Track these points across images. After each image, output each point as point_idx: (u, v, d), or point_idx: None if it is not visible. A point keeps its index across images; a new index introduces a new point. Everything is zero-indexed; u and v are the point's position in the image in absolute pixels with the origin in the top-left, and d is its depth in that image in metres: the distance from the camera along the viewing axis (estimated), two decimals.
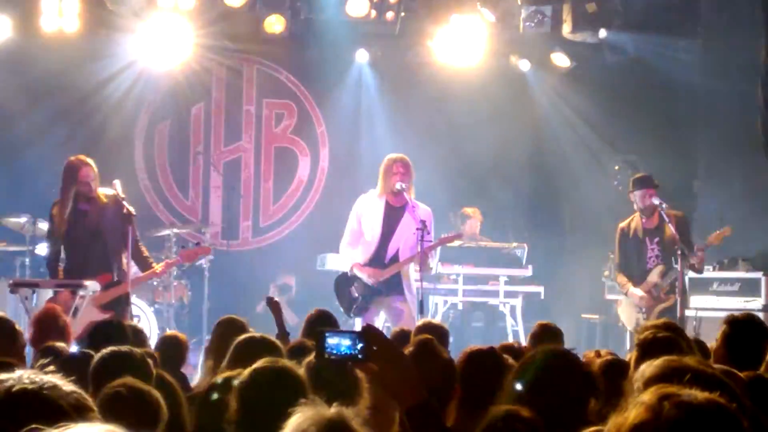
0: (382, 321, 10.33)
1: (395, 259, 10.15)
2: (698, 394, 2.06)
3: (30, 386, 2.10)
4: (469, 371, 4.78)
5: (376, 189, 10.29)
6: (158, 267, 10.27)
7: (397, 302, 10.09)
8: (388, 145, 11.46)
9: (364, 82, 14.44)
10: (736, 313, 5.92)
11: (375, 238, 10.20)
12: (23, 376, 2.16)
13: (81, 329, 7.46)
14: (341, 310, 10.37)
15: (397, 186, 10.00)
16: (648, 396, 2.06)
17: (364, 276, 10.15)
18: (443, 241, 10.52)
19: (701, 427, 1.98)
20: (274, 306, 7.36)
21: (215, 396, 4.27)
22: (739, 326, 5.61)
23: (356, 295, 10.20)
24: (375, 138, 13.58)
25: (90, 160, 9.88)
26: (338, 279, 10.50)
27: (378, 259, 10.20)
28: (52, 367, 4.51)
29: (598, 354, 5.88)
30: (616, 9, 13.51)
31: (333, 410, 2.92)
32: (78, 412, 2.07)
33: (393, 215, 10.20)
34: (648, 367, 3.07)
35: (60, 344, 5.99)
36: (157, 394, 4.07)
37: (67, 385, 2.18)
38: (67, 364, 4.96)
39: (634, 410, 2.02)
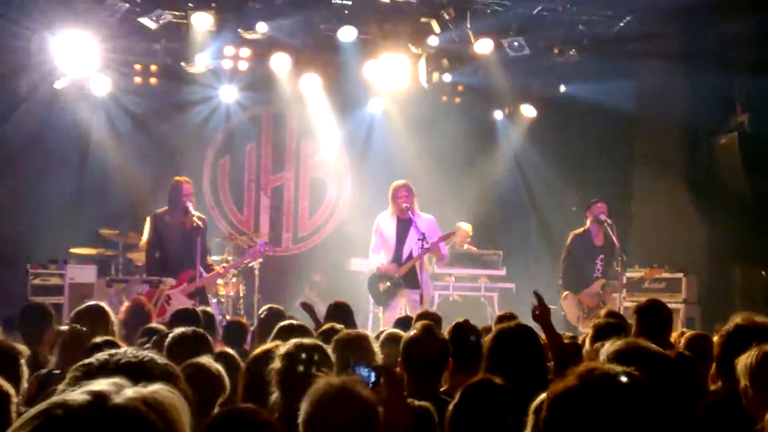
0: (401, 310, 10.44)
1: (410, 257, 10.45)
2: (617, 368, 2.09)
3: (133, 359, 2.18)
4: (454, 336, 4.88)
5: (388, 210, 10.54)
6: (220, 268, 10.45)
7: (413, 295, 10.22)
8: (397, 174, 11.52)
9: (378, 126, 14.52)
10: (643, 301, 5.97)
11: (392, 245, 10.52)
12: (128, 352, 2.24)
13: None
14: (371, 300, 10.77)
15: (403, 206, 10.25)
16: (580, 368, 2.10)
17: (387, 272, 10.47)
18: (442, 239, 10.65)
19: (614, 391, 2.01)
20: (308, 309, 7.45)
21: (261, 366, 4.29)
22: (646, 311, 5.67)
23: (383, 290, 10.42)
24: (387, 169, 13.63)
25: (190, 181, 10.15)
26: (369, 279, 10.73)
27: (396, 260, 10.56)
28: (147, 345, 4.57)
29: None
30: (571, 68, 13.59)
31: (344, 378, 2.98)
32: (167, 378, 2.13)
33: (402, 227, 10.53)
34: (610, 345, 3.10)
35: (159, 326, 6.08)
36: (220, 370, 4.09)
37: (160, 358, 2.26)
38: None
39: (568, 378, 2.06)
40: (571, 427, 1.99)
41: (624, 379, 2.03)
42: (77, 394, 1.33)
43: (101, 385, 1.36)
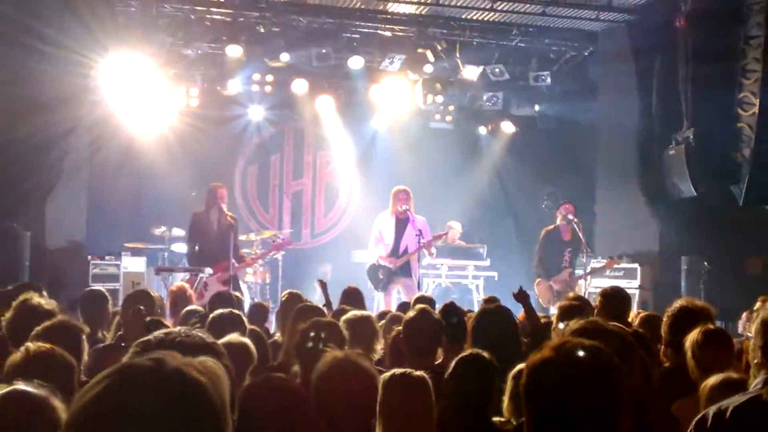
0: (396, 294, 10.44)
1: (405, 252, 10.38)
2: (586, 342, 2.08)
3: (185, 338, 2.19)
4: (442, 316, 4.88)
5: (388, 209, 10.50)
6: (249, 259, 10.45)
7: (407, 281, 10.23)
8: (398, 181, 11.50)
9: (382, 140, 14.50)
10: (607, 287, 5.96)
11: (391, 241, 10.40)
12: (181, 331, 2.25)
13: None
14: (370, 286, 10.60)
15: (402, 208, 10.23)
16: (554, 342, 2.09)
17: (386, 263, 10.35)
18: (435, 238, 10.66)
19: (584, 361, 2.00)
20: (323, 285, 7.46)
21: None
22: (609, 295, 5.67)
23: (381, 277, 10.39)
24: (389, 176, 13.60)
25: (224, 186, 10.14)
26: (369, 267, 10.65)
27: (394, 253, 10.44)
28: (198, 325, 4.57)
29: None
30: (543, 91, 13.60)
31: (348, 351, 2.97)
32: (214, 354, 2.12)
33: (400, 225, 10.44)
34: (574, 324, 3.11)
35: (199, 308, 6.07)
36: (250, 346, 4.09)
37: (208, 338, 2.27)
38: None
39: (545, 350, 2.05)
40: (547, 392, 2.00)
41: (590, 351, 2.03)
42: (140, 359, 1.37)
43: (159, 354, 1.39)
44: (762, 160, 10.36)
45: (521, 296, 5.64)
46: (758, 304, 6.15)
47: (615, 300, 5.59)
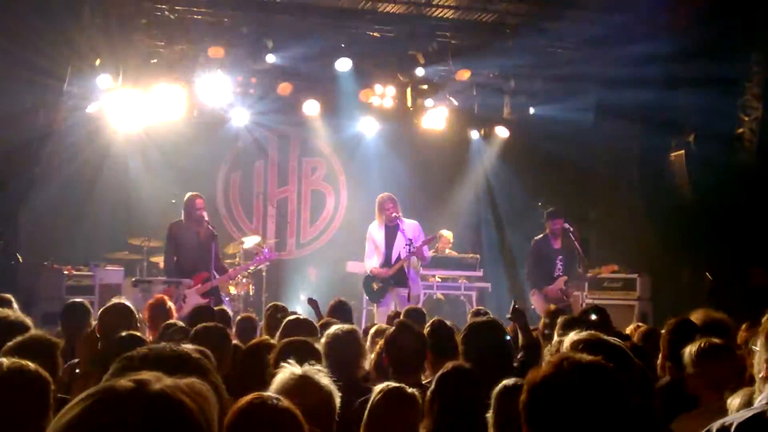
0: (393, 305, 10.49)
1: (398, 259, 10.54)
2: (587, 357, 2.12)
3: (171, 353, 2.16)
4: (432, 331, 4.89)
5: (376, 220, 10.60)
6: (231, 271, 10.43)
7: (402, 292, 10.30)
8: (387, 187, 11.50)
9: (370, 145, 14.49)
10: (584, 306, 5.99)
11: (382, 250, 10.56)
12: (166, 347, 2.22)
13: (188, 311, 7.54)
14: (365, 298, 10.90)
15: (393, 216, 10.33)
16: (554, 358, 2.13)
17: (379, 273, 10.55)
18: (425, 243, 10.72)
19: (586, 378, 2.04)
20: (313, 304, 7.47)
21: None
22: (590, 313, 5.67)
23: (376, 288, 10.49)
24: (378, 183, 13.62)
25: (202, 196, 10.11)
26: (364, 280, 10.85)
27: (387, 262, 10.62)
28: (185, 340, 4.54)
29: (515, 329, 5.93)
30: (539, 94, 13.62)
31: (304, 368, 2.93)
32: (201, 371, 2.09)
33: (390, 233, 10.61)
34: (576, 336, 3.12)
35: (179, 322, 6.04)
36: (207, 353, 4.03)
37: (195, 353, 2.25)
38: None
39: (544, 366, 2.09)
40: (549, 410, 2.01)
41: (592, 368, 2.05)
42: (122, 381, 1.35)
43: (143, 375, 1.38)
44: (765, 166, 10.41)
45: (516, 314, 5.70)
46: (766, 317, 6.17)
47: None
